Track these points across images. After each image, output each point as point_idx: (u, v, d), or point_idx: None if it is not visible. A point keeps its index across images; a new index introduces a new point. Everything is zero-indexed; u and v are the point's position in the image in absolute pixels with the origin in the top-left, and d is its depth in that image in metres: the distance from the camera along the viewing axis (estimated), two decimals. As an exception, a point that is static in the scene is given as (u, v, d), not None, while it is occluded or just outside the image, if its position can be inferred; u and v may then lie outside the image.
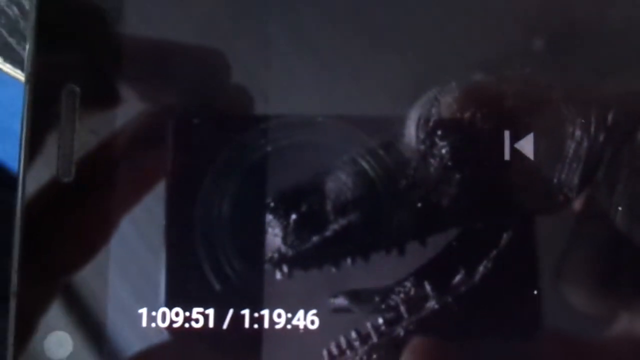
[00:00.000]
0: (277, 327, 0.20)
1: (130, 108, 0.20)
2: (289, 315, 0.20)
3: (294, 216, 0.20)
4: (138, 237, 0.20)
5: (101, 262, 0.20)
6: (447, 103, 0.20)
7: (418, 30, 0.21)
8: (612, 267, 0.20)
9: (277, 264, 0.20)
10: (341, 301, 0.20)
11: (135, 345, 0.19)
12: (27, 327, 0.19)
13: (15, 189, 0.20)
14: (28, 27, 0.20)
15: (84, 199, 0.20)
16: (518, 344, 0.20)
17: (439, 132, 0.20)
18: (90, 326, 0.19)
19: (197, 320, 0.20)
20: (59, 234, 0.20)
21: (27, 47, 0.20)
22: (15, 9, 0.26)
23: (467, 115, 0.20)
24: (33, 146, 0.20)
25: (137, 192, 0.20)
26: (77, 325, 0.19)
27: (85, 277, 0.20)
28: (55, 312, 0.19)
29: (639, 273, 0.20)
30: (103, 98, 0.20)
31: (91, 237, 0.20)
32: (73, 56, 0.20)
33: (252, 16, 0.21)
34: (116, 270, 0.20)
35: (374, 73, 0.20)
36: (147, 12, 0.21)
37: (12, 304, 0.19)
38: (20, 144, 0.20)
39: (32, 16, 0.20)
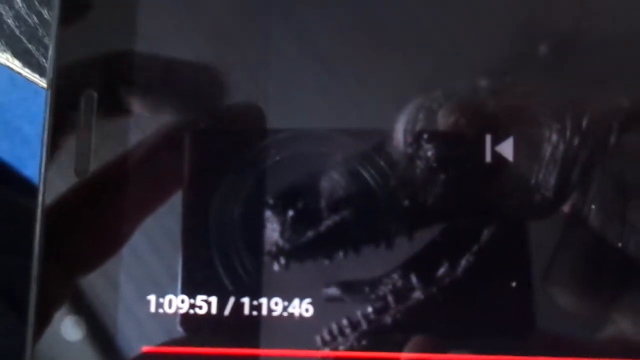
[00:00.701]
0: (274, 314, 0.21)
1: (146, 114, 0.21)
2: (286, 303, 0.21)
3: (291, 213, 0.21)
4: (149, 232, 0.21)
5: (113, 252, 0.21)
6: (432, 110, 0.21)
7: (404, 41, 0.22)
8: (586, 264, 0.21)
9: (275, 257, 0.21)
10: (334, 291, 0.21)
11: (143, 329, 0.21)
12: (45, 311, 0.21)
13: (17, 188, 0.21)
14: (50, 35, 0.22)
15: (99, 198, 0.21)
16: (499, 333, 0.21)
17: (425, 137, 0.21)
18: (103, 311, 0.21)
19: (200, 307, 0.21)
20: (77, 229, 0.21)
21: (50, 53, 0.21)
22: (34, 17, 0.27)
23: (451, 120, 0.21)
24: (54, 148, 0.21)
25: (149, 193, 0.21)
26: (91, 310, 0.21)
27: (99, 266, 0.21)
28: (71, 298, 0.21)
29: (614, 271, 0.21)
30: (120, 104, 0.21)
31: (106, 232, 0.21)
32: (92, 63, 0.21)
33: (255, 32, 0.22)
34: (128, 260, 0.21)
35: (364, 82, 0.21)
36: (161, 23, 0.22)
37: (33, 290, 0.20)
38: (42, 146, 0.21)
39: (54, 25, 0.21)
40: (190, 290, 0.21)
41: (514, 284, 0.21)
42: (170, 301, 0.21)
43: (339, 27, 0.22)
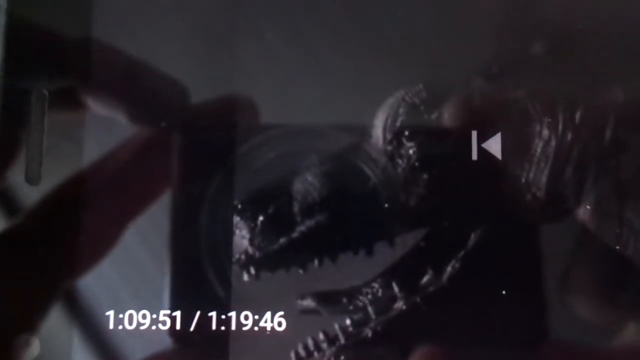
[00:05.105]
0: (245, 329, 0.20)
1: (99, 113, 0.20)
2: (256, 317, 0.20)
3: (261, 218, 0.20)
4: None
5: (69, 265, 0.20)
6: (413, 104, 0.20)
7: (386, 33, 0.21)
8: (580, 267, 0.20)
9: (245, 266, 0.20)
10: (308, 303, 0.20)
11: (102, 347, 0.19)
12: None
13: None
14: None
15: (54, 207, 0.20)
16: (486, 345, 0.20)
17: (406, 133, 0.20)
18: (58, 328, 0.19)
19: (164, 323, 0.20)
20: (28, 241, 0.20)
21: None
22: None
23: (434, 115, 0.20)
24: (2, 150, 0.20)
25: (108, 201, 0.20)
26: (45, 328, 0.19)
27: (53, 280, 0.20)
28: (23, 315, 0.19)
29: (610, 271, 0.20)
30: (72, 103, 0.20)
31: (61, 244, 0.20)
32: (43, 60, 0.20)
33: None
34: (84, 273, 0.20)
35: (340, 75, 0.20)
36: (121, 16, 0.21)
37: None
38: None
39: (2, 19, 0.20)
40: (153, 304, 0.20)
41: (503, 292, 0.20)
42: (130, 317, 0.20)
43: (323, 18, 0.21)
